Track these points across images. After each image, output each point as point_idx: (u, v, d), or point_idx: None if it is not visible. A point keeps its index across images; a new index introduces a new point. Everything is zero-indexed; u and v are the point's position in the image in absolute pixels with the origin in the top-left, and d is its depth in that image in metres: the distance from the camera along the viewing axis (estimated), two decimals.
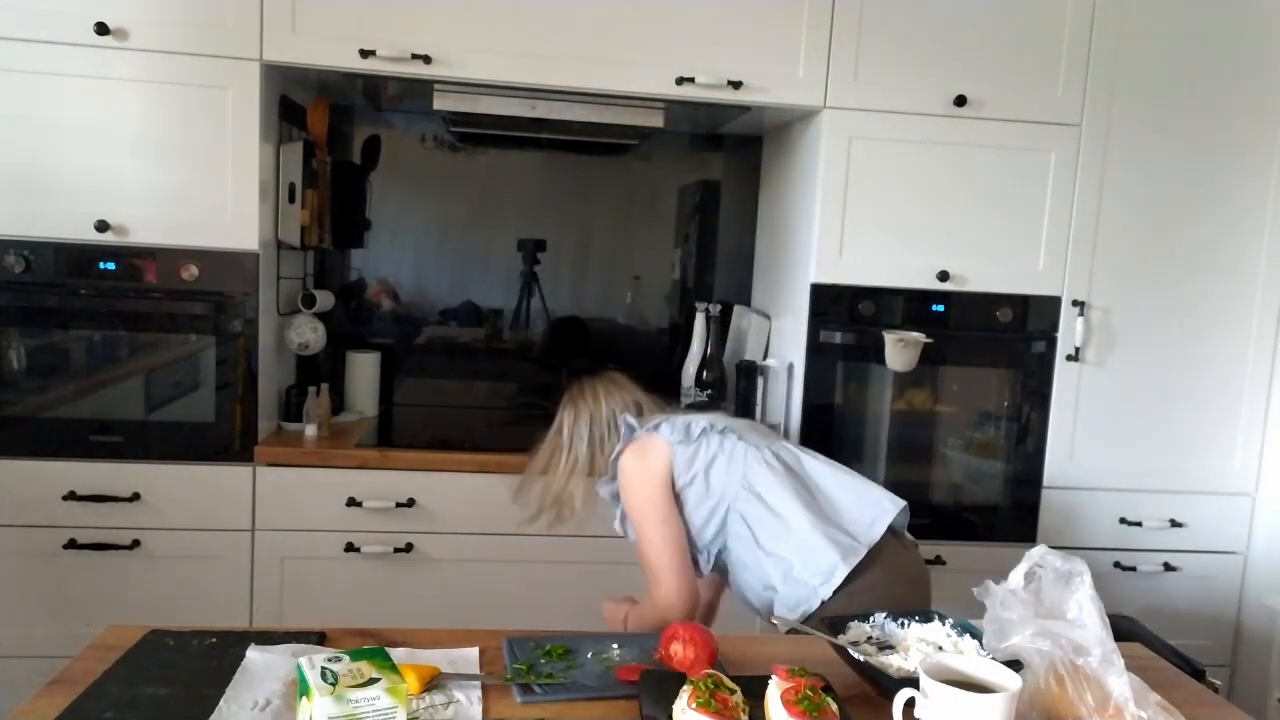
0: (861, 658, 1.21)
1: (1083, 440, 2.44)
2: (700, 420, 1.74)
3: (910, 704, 1.06)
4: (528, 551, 2.28)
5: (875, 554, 1.59)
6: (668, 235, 2.94)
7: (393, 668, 1.05)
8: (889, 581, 1.58)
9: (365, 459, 2.23)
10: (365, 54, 2.13)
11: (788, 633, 1.51)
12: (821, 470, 1.71)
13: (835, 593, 1.55)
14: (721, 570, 1.75)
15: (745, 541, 1.66)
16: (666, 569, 1.66)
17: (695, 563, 1.73)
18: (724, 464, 1.69)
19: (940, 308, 2.37)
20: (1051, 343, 2.42)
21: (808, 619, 1.54)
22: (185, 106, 2.12)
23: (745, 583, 1.70)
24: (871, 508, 1.64)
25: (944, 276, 2.35)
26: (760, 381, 2.47)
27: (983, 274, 2.37)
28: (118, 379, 2.20)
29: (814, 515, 1.61)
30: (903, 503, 1.66)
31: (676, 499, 1.71)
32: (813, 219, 2.33)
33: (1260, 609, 2.47)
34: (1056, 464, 2.44)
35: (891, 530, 1.65)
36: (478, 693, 1.20)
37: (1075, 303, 2.39)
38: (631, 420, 1.77)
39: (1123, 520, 2.47)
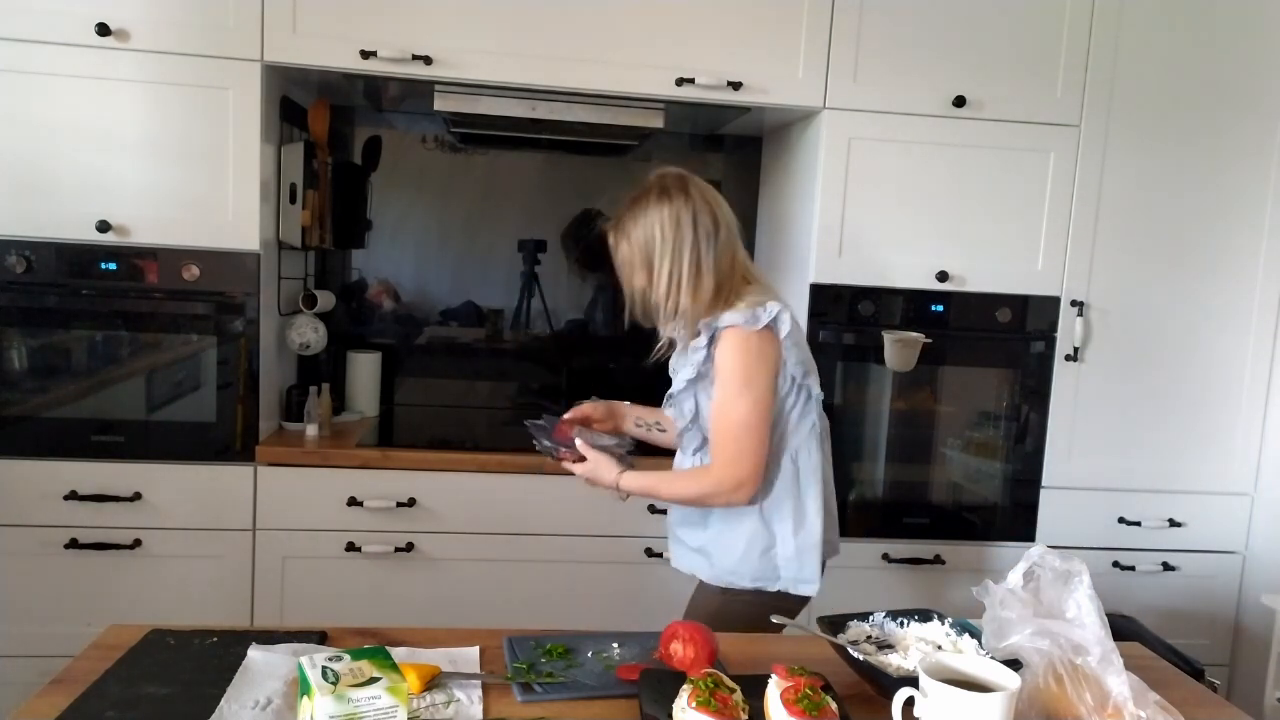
0: (861, 657, 1.22)
1: (1081, 440, 2.45)
2: (794, 354, 1.59)
3: (909, 703, 1.07)
4: (528, 551, 2.28)
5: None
6: None
7: (393, 667, 1.06)
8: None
9: (366, 459, 2.23)
10: (366, 55, 2.14)
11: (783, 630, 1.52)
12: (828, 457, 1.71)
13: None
14: None
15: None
16: (748, 449, 1.54)
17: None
18: (796, 415, 1.61)
19: (939, 308, 2.38)
20: (1050, 343, 2.42)
21: (742, 592, 1.61)
22: (186, 107, 2.12)
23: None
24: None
25: (943, 277, 2.35)
26: None
27: (982, 274, 2.37)
28: (119, 379, 2.20)
29: (823, 520, 1.64)
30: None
31: None
32: (812, 219, 2.34)
33: (1259, 608, 2.47)
34: (1055, 463, 2.45)
35: None
36: (478, 692, 1.20)
37: (1074, 303, 2.40)
38: (758, 310, 1.56)
39: (1121, 520, 2.48)
